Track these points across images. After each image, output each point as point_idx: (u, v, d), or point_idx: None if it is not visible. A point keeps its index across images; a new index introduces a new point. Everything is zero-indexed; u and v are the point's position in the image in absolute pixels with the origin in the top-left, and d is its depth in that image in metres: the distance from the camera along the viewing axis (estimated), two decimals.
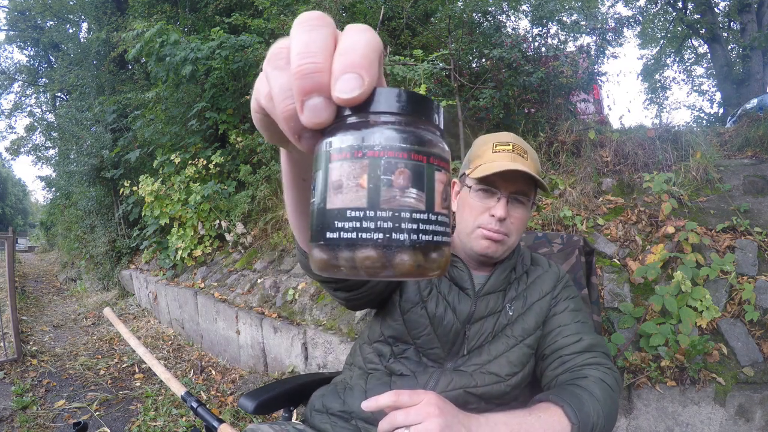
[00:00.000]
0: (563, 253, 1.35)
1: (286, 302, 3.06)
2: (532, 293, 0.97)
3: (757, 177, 2.68)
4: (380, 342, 0.95)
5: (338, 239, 0.25)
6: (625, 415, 1.80)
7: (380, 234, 0.24)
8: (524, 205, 0.93)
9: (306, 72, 0.25)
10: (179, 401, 2.52)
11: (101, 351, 3.74)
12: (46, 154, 12.20)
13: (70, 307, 5.80)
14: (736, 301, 2.00)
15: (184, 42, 4.27)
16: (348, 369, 1.02)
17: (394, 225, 0.24)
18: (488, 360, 0.90)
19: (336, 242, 0.25)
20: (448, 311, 0.91)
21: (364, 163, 0.24)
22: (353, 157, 0.25)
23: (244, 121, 4.78)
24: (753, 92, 10.36)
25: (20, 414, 2.47)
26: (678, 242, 2.23)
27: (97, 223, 6.23)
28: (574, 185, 2.89)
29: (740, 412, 1.71)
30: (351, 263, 0.25)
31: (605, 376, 0.83)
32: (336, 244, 0.25)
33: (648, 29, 15.85)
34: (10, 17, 14.47)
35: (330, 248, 0.25)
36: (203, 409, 1.14)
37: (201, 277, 4.10)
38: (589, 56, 4.09)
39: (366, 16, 5.21)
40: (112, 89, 7.31)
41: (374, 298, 0.89)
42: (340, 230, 0.25)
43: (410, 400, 0.64)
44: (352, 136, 0.25)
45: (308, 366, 2.67)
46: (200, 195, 4.18)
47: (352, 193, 0.24)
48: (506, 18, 5.14)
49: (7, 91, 16.32)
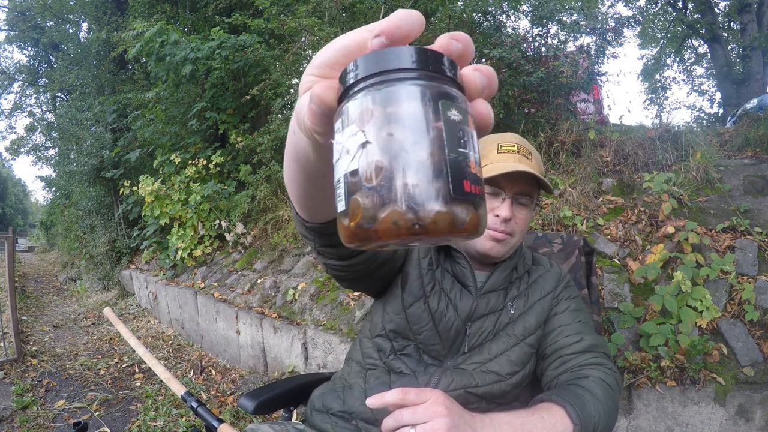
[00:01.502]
0: (563, 253, 1.35)
1: (286, 302, 3.06)
2: (533, 292, 0.97)
3: (757, 177, 2.68)
4: (381, 336, 0.95)
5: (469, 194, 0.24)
6: (625, 415, 1.80)
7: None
8: (528, 206, 0.93)
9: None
10: (179, 401, 2.52)
11: (101, 351, 3.74)
12: (46, 154, 12.24)
13: (70, 307, 5.80)
14: (736, 301, 2.00)
15: (184, 42, 4.27)
16: (347, 364, 1.02)
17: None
18: (489, 358, 0.90)
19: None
20: (449, 308, 0.91)
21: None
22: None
23: (244, 121, 4.78)
24: (753, 92, 10.36)
25: (20, 414, 2.47)
26: (678, 242, 2.23)
27: (97, 223, 6.23)
28: (574, 185, 2.89)
29: (740, 412, 1.71)
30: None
31: (606, 377, 0.83)
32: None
33: (648, 29, 15.86)
34: (9, 17, 14.47)
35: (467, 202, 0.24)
36: (203, 409, 1.14)
37: (201, 277, 4.10)
38: (589, 56, 4.08)
39: (366, 16, 5.21)
40: (112, 89, 7.31)
41: (370, 275, 0.84)
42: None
43: (417, 398, 0.63)
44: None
45: (308, 366, 2.67)
46: (200, 195, 4.18)
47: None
48: (506, 18, 5.13)
49: (7, 91, 16.34)
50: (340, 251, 0.68)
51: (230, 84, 4.69)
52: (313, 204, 0.51)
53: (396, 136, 0.23)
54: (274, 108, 4.26)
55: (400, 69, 0.25)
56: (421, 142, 0.23)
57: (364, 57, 0.26)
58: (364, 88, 0.25)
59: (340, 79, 0.27)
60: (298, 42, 4.37)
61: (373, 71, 0.25)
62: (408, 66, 0.25)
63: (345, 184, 0.25)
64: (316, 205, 0.51)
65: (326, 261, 0.74)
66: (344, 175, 0.25)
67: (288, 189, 0.50)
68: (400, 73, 0.25)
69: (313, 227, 0.57)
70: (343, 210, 0.25)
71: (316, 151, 0.37)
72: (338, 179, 0.25)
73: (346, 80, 0.26)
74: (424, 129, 0.23)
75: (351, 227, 0.24)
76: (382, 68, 0.25)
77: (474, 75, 0.28)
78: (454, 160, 0.24)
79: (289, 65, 4.38)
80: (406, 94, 0.24)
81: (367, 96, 0.25)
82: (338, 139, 0.25)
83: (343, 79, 0.27)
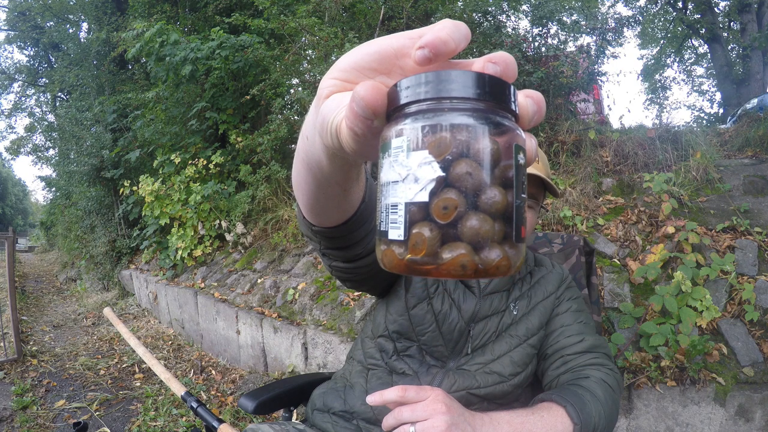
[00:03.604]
0: (563, 253, 1.35)
1: (286, 302, 3.06)
2: (536, 293, 0.97)
3: (757, 177, 2.68)
4: (384, 337, 0.94)
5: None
6: (625, 415, 1.80)
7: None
8: (532, 208, 0.93)
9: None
10: (179, 401, 2.52)
11: (101, 351, 3.74)
12: (46, 154, 12.21)
13: (70, 307, 5.79)
14: (736, 301, 2.00)
15: (184, 42, 4.27)
16: (348, 363, 1.02)
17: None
18: (491, 359, 0.90)
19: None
20: (453, 309, 0.91)
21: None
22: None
23: (244, 121, 4.78)
24: (753, 92, 10.36)
25: (20, 414, 2.47)
26: (678, 242, 2.23)
27: (97, 223, 6.23)
28: (574, 185, 2.89)
29: (740, 412, 1.71)
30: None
31: (607, 377, 0.83)
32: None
33: (648, 29, 15.86)
34: (9, 17, 14.46)
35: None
36: (203, 409, 1.14)
37: (201, 277, 4.10)
38: (589, 56, 4.08)
39: (366, 16, 5.21)
40: (112, 89, 7.31)
41: (374, 276, 0.82)
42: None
43: (417, 396, 0.63)
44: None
45: (308, 366, 2.67)
46: (200, 195, 4.18)
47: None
48: (506, 18, 5.14)
49: (7, 91, 16.32)
50: (346, 254, 0.67)
51: (230, 84, 4.69)
52: (322, 210, 0.50)
53: (474, 176, 0.22)
54: (274, 108, 4.26)
55: (478, 99, 0.23)
56: (496, 185, 0.23)
57: (437, 75, 0.23)
58: (435, 111, 0.23)
59: (398, 89, 0.25)
60: (298, 42, 4.37)
61: (452, 95, 0.23)
62: (487, 99, 0.23)
63: (407, 213, 0.23)
64: (325, 211, 0.51)
65: (331, 263, 0.73)
66: (407, 203, 0.23)
67: (296, 194, 0.48)
68: (480, 103, 0.23)
69: (320, 231, 0.56)
70: (400, 239, 0.23)
71: (330, 159, 0.35)
72: (395, 204, 0.24)
73: (408, 94, 0.24)
74: (499, 173, 0.23)
75: (406, 259, 0.23)
76: (460, 94, 0.23)
77: (527, 102, 0.27)
78: (519, 207, 0.24)
79: (289, 65, 4.38)
80: (487, 132, 0.23)
81: (440, 121, 0.23)
82: (402, 161, 0.23)
83: (404, 91, 0.24)
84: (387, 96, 0.25)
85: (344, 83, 0.29)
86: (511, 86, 0.25)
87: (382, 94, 0.25)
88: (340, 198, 0.47)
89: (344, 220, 0.54)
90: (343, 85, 0.29)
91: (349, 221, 0.55)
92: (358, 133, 0.27)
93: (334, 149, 0.31)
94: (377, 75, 0.28)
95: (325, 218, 0.53)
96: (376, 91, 0.25)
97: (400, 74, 0.28)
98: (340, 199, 0.48)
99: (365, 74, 0.29)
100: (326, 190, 0.43)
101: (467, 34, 0.26)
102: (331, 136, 0.30)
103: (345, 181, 0.42)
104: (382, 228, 0.25)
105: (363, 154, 0.30)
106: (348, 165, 0.38)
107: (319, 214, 0.51)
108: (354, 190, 0.47)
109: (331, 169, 0.37)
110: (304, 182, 0.44)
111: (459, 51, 0.26)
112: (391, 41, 0.28)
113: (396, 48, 0.27)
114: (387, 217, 0.24)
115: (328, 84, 0.30)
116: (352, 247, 0.63)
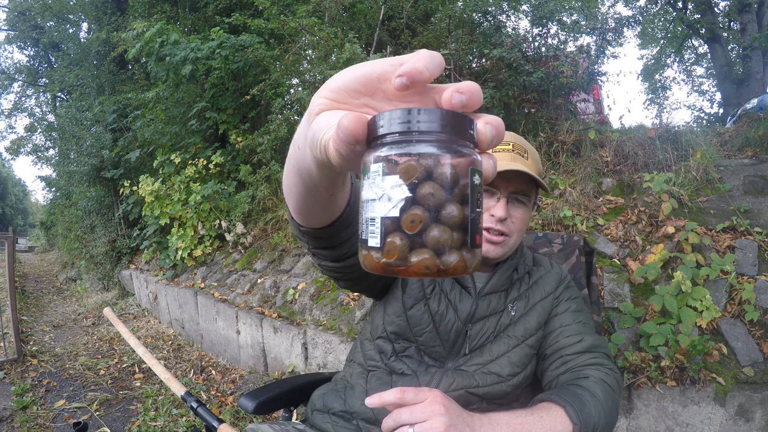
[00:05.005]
0: (563, 253, 1.35)
1: (286, 302, 3.06)
2: (534, 293, 0.97)
3: (757, 177, 2.68)
4: (383, 338, 0.95)
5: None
6: (625, 415, 1.80)
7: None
8: (525, 205, 0.93)
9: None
10: (179, 401, 2.52)
11: (101, 351, 3.74)
12: (46, 154, 12.21)
13: (70, 307, 5.80)
14: (736, 301, 2.00)
15: (184, 42, 4.27)
16: (348, 366, 1.02)
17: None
18: (490, 360, 0.90)
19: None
20: (449, 310, 0.91)
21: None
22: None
23: (244, 121, 4.78)
24: (753, 92, 10.36)
25: (20, 414, 2.47)
26: (678, 242, 2.23)
27: (97, 223, 6.23)
28: (574, 185, 2.89)
29: (740, 412, 1.71)
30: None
31: (606, 377, 0.83)
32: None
33: (648, 29, 15.86)
34: (9, 17, 14.47)
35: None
36: (203, 409, 1.14)
37: (201, 277, 4.10)
38: (589, 56, 4.08)
39: (366, 16, 5.22)
40: (112, 89, 7.31)
41: (363, 277, 0.81)
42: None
43: (415, 398, 0.64)
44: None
45: (308, 366, 2.67)
46: (200, 195, 4.18)
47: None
48: (506, 18, 5.14)
49: (7, 91, 16.32)
50: (333, 253, 0.69)
51: (230, 84, 4.69)
52: (310, 212, 0.54)
53: (436, 196, 0.27)
54: (274, 108, 4.26)
55: (441, 132, 0.28)
56: (453, 202, 0.28)
57: (405, 112, 0.28)
58: (405, 143, 0.28)
59: (376, 122, 0.29)
60: (298, 42, 4.37)
61: (419, 129, 0.28)
62: (448, 132, 0.28)
63: (382, 225, 0.28)
64: (313, 213, 0.54)
65: (321, 262, 0.75)
66: (383, 218, 0.28)
67: (286, 196, 0.52)
68: (442, 135, 0.28)
69: (308, 231, 0.60)
70: (377, 246, 0.28)
71: (319, 168, 0.38)
72: (373, 218, 0.29)
73: (384, 127, 0.29)
74: (457, 192, 0.28)
75: (381, 262, 0.28)
76: (428, 129, 0.28)
77: (485, 129, 0.30)
78: (474, 219, 0.29)
79: (289, 65, 4.38)
80: (447, 159, 0.28)
81: (409, 150, 0.28)
82: (378, 183, 0.28)
83: (381, 123, 0.29)
84: (367, 126, 0.29)
85: (333, 102, 0.33)
86: (470, 119, 0.29)
87: (363, 125, 0.29)
88: (327, 202, 0.51)
89: (330, 222, 0.58)
90: (331, 104, 0.33)
91: (335, 223, 0.58)
92: (343, 154, 0.30)
93: (323, 161, 0.34)
94: (362, 96, 0.32)
95: (312, 220, 0.56)
96: (358, 122, 0.29)
97: (382, 96, 0.32)
98: (327, 203, 0.52)
99: (352, 95, 0.32)
100: (314, 194, 0.47)
101: (441, 64, 0.30)
102: (320, 151, 0.33)
103: (332, 187, 0.46)
104: (363, 237, 0.30)
105: (348, 168, 0.33)
106: (335, 174, 0.42)
107: (307, 215, 0.55)
108: (340, 195, 0.51)
109: (319, 176, 0.41)
110: (294, 186, 0.47)
111: (434, 78, 0.30)
112: (375, 67, 0.31)
113: (379, 73, 0.31)
114: (367, 228, 0.29)
115: (319, 102, 0.33)
116: (339, 246, 0.66)
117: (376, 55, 3.58)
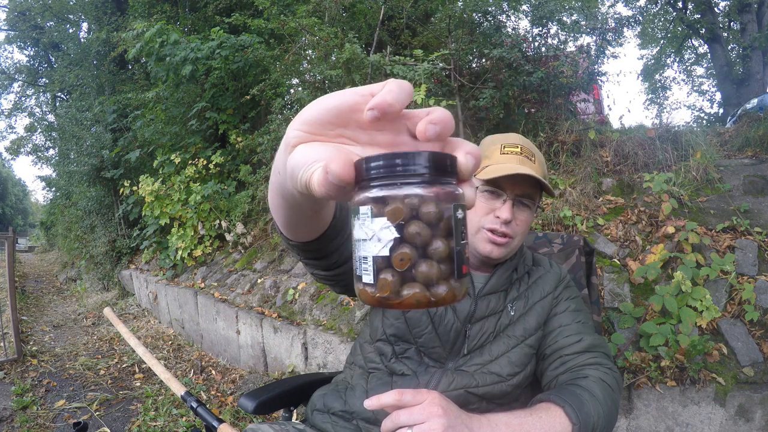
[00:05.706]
0: (563, 253, 1.35)
1: (286, 302, 3.06)
2: (533, 293, 0.97)
3: (757, 177, 2.68)
4: (382, 341, 0.95)
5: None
6: (625, 415, 1.80)
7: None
8: (529, 208, 0.93)
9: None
10: (179, 401, 2.52)
11: (101, 351, 3.74)
12: (46, 154, 12.21)
13: (70, 307, 5.80)
14: (736, 301, 2.00)
15: (184, 42, 4.27)
16: (349, 368, 1.02)
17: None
18: (489, 360, 0.90)
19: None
20: (448, 310, 0.91)
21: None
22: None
23: (244, 121, 4.78)
24: (753, 92, 10.35)
25: (20, 414, 2.47)
26: (678, 242, 2.23)
27: (97, 223, 6.23)
28: (574, 185, 2.89)
29: (740, 412, 1.71)
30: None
31: (606, 377, 0.83)
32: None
33: (648, 29, 15.85)
34: (9, 17, 14.46)
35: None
36: (203, 409, 1.14)
37: (201, 277, 4.10)
38: (589, 56, 4.08)
39: (366, 16, 5.21)
40: (112, 89, 7.31)
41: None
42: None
43: (413, 400, 0.64)
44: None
45: (308, 366, 2.67)
46: (200, 195, 4.18)
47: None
48: (506, 18, 5.14)
49: (7, 91, 16.31)
50: (324, 263, 0.69)
51: (230, 84, 4.70)
52: (296, 227, 0.54)
53: (422, 234, 0.29)
54: (274, 108, 4.26)
55: (424, 174, 0.29)
56: (439, 239, 0.29)
57: (390, 156, 0.29)
58: (391, 186, 0.29)
59: (362, 165, 0.30)
60: (298, 42, 4.37)
61: (402, 172, 0.29)
62: (431, 172, 0.29)
63: (374, 263, 0.30)
64: (299, 229, 0.55)
65: (313, 271, 0.75)
66: (374, 257, 0.30)
67: (272, 213, 0.52)
68: (425, 176, 0.29)
69: (296, 245, 0.60)
70: (370, 282, 0.30)
71: (301, 195, 0.38)
72: (365, 256, 0.30)
73: (370, 170, 0.30)
74: (442, 228, 0.29)
75: (376, 296, 0.30)
76: (410, 171, 0.29)
77: (466, 159, 0.31)
78: (459, 251, 0.30)
79: (289, 65, 4.38)
80: (432, 199, 0.29)
81: (395, 193, 0.29)
82: (368, 224, 0.30)
83: (368, 166, 0.30)
84: (354, 167, 0.30)
85: (308, 135, 0.33)
86: (452, 157, 0.30)
87: (351, 169, 0.30)
88: (312, 219, 0.52)
89: (318, 236, 0.58)
90: (307, 136, 0.33)
91: (322, 236, 0.58)
92: (332, 195, 0.31)
93: (304, 192, 0.34)
94: (336, 128, 0.33)
95: (300, 234, 0.57)
96: (346, 166, 0.29)
97: (356, 126, 0.33)
98: (313, 219, 0.52)
99: (326, 128, 0.33)
100: (299, 212, 0.47)
101: (410, 93, 0.30)
102: (301, 186, 0.33)
103: (316, 206, 0.47)
104: (357, 273, 0.31)
105: (334, 200, 0.35)
106: (318, 199, 0.42)
107: (294, 231, 0.55)
108: (325, 212, 0.52)
109: (302, 200, 0.41)
110: (279, 206, 0.47)
111: (403, 107, 0.30)
112: (346, 98, 0.32)
113: (350, 105, 0.32)
114: (360, 266, 0.31)
115: (294, 135, 0.34)
116: (328, 257, 0.66)
117: (376, 55, 3.57)
